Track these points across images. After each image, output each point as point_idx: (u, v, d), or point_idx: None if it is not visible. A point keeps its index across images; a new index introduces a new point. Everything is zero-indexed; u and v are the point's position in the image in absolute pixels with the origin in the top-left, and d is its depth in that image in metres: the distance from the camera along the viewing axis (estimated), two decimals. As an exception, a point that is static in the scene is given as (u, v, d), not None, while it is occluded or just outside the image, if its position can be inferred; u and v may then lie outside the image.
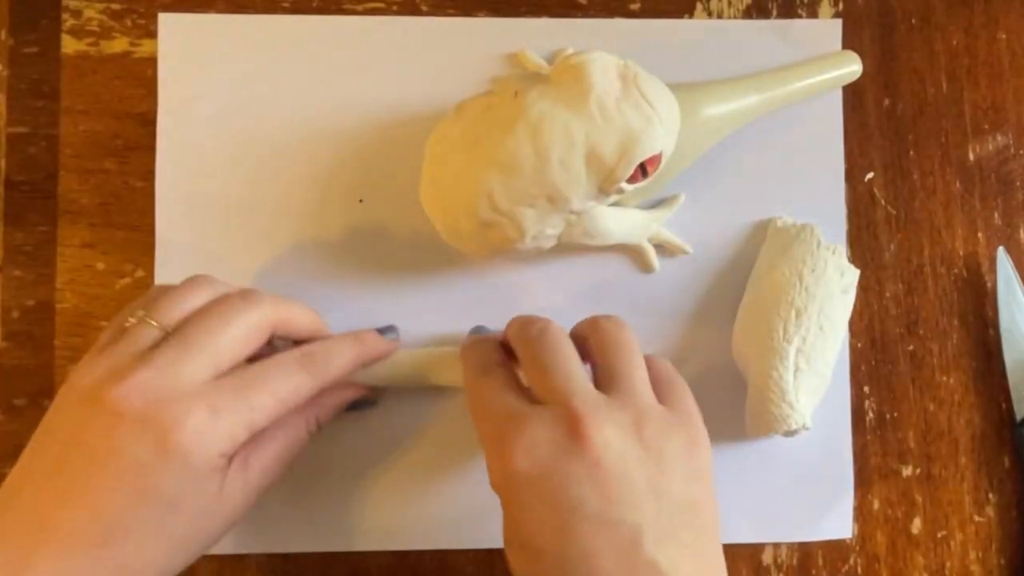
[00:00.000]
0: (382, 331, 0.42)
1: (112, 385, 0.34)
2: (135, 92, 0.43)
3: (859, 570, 0.44)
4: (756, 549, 0.44)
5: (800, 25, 0.44)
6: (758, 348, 0.41)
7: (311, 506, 0.43)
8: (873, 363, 0.44)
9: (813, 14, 0.45)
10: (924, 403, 0.44)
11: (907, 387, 0.44)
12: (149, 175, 0.43)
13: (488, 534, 0.43)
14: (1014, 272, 0.44)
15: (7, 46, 0.44)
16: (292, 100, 0.44)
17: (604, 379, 0.36)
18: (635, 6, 0.44)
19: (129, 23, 0.44)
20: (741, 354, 0.42)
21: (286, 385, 0.37)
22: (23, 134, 0.43)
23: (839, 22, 0.45)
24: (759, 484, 0.43)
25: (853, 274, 0.41)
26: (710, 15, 0.44)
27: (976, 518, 0.44)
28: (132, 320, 0.36)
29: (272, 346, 0.39)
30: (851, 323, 0.43)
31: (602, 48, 0.37)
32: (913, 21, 0.45)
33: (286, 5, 0.44)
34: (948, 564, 0.44)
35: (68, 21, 0.44)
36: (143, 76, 0.43)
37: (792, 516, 0.44)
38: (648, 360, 0.37)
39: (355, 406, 0.42)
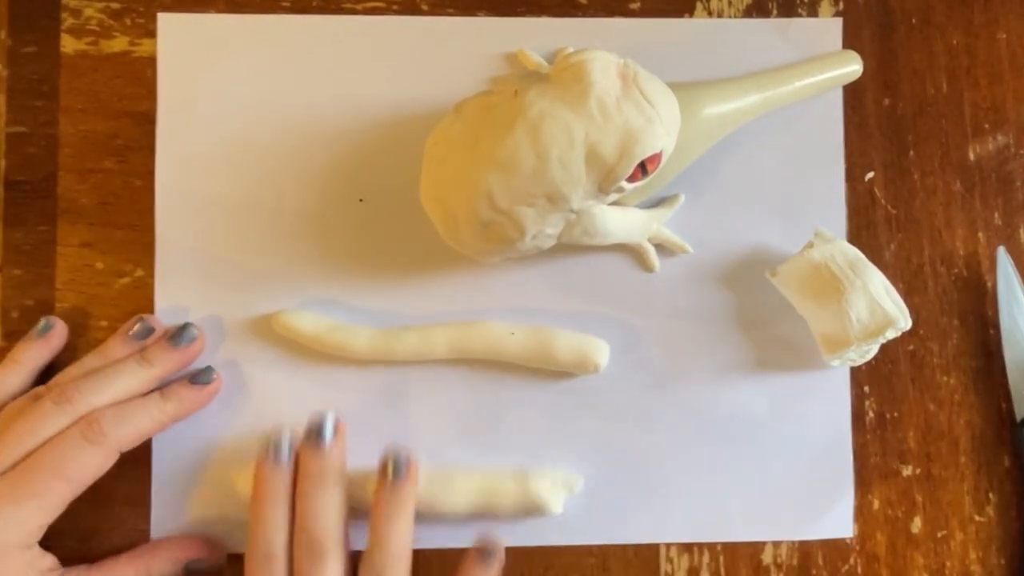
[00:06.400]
0: (196, 376, 0.41)
1: None
2: (135, 92, 0.43)
3: (859, 570, 0.44)
4: (756, 548, 0.44)
5: (800, 24, 0.44)
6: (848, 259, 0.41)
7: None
8: (873, 363, 0.44)
9: (813, 13, 0.45)
10: (924, 403, 0.44)
11: (907, 387, 0.44)
12: (149, 175, 0.43)
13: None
14: (1014, 272, 0.44)
15: (7, 46, 0.44)
16: (292, 100, 0.44)
17: None
18: (635, 5, 0.44)
19: (128, 22, 0.44)
20: (810, 277, 0.42)
21: (73, 464, 0.37)
22: (22, 134, 0.43)
23: (839, 21, 0.45)
24: (759, 483, 0.43)
25: None
26: (710, 14, 0.44)
27: (976, 518, 0.44)
28: None
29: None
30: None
31: (602, 47, 0.37)
32: (913, 21, 0.45)
33: (286, 5, 0.44)
34: (948, 564, 0.44)
35: (67, 20, 0.43)
36: (143, 76, 0.43)
37: (792, 515, 0.44)
38: None
39: (193, 569, 0.41)
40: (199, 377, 0.41)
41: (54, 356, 0.42)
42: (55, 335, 0.41)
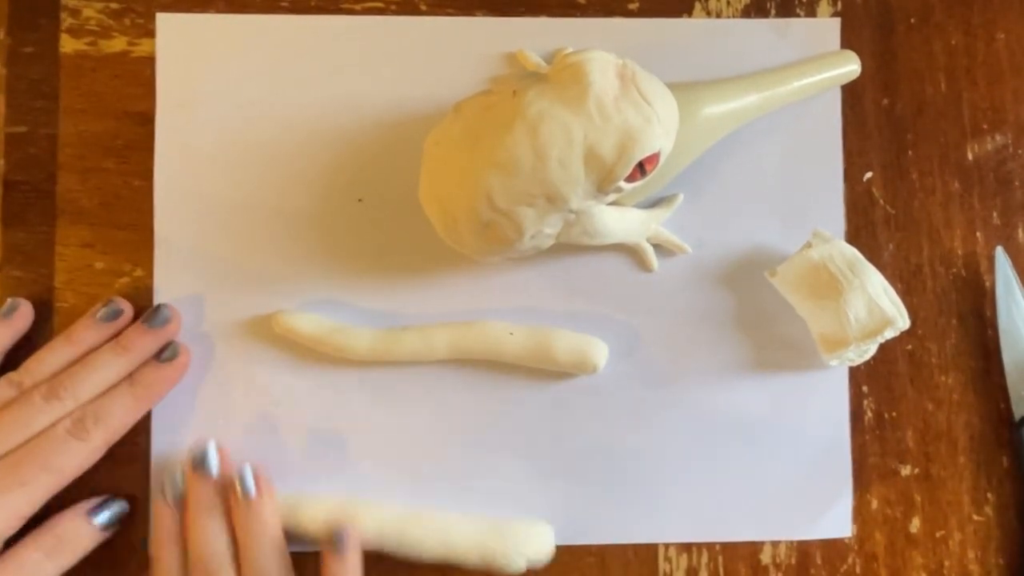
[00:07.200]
0: (161, 354, 0.41)
1: None
2: (134, 92, 0.43)
3: (857, 569, 0.44)
4: (755, 548, 0.44)
5: (799, 24, 0.44)
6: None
7: (310, 505, 0.43)
8: (872, 362, 0.44)
9: (811, 13, 0.45)
10: (923, 403, 0.44)
11: (906, 387, 0.44)
12: (148, 175, 0.43)
13: (487, 533, 0.43)
14: (1012, 272, 0.44)
15: (6, 46, 0.44)
16: (292, 100, 0.44)
17: None
18: (633, 5, 0.44)
19: (128, 22, 0.44)
20: (808, 277, 0.42)
21: (61, 458, 0.38)
22: (22, 134, 0.43)
23: (838, 21, 0.45)
24: (758, 483, 0.43)
25: None
26: (709, 14, 0.44)
27: (975, 517, 0.44)
28: None
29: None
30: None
31: (601, 47, 0.37)
32: (912, 21, 0.45)
33: (285, 5, 0.44)
34: (947, 564, 0.44)
35: (67, 21, 0.44)
36: (142, 76, 0.43)
37: (791, 514, 0.44)
38: None
39: (105, 521, 0.40)
40: (164, 354, 0.41)
41: (19, 338, 0.42)
42: (20, 316, 0.41)
